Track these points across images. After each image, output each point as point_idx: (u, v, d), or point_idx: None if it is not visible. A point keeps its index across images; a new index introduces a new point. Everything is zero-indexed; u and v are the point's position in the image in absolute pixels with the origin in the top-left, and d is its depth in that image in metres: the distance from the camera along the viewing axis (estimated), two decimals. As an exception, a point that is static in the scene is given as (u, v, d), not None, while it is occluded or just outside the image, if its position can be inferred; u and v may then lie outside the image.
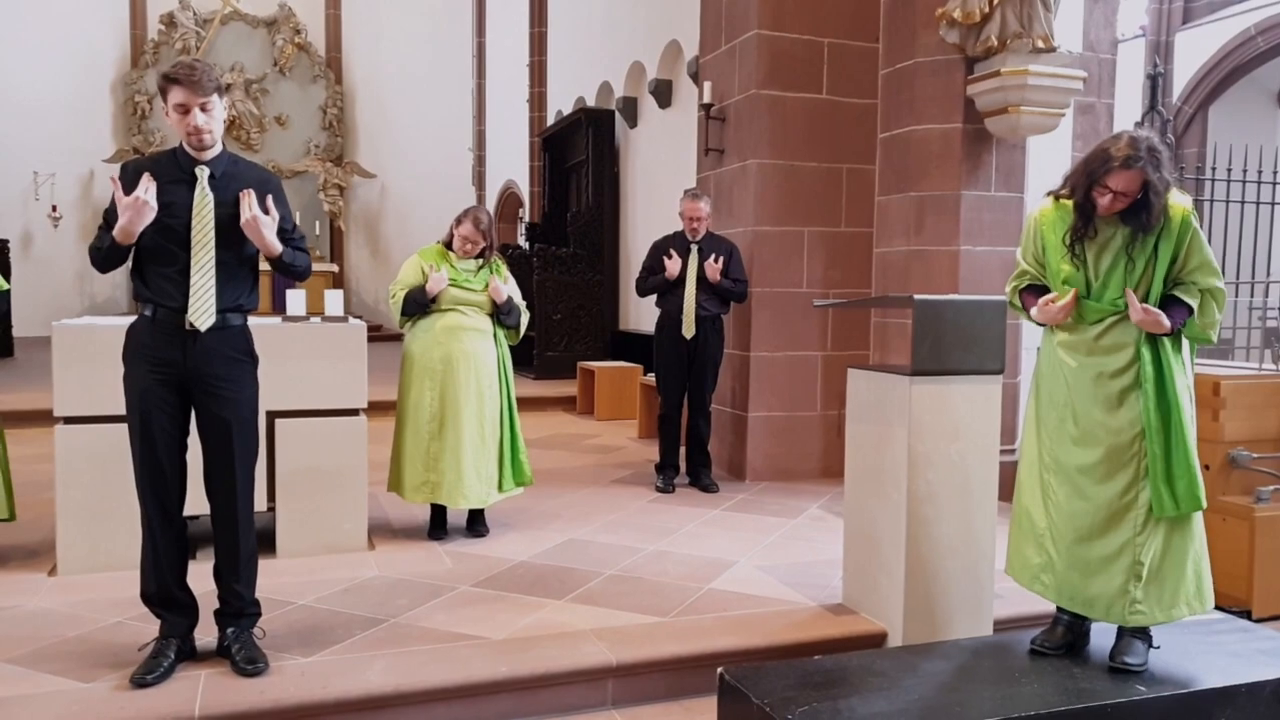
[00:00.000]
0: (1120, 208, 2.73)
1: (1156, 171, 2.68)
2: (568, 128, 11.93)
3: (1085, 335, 2.82)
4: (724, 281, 5.25)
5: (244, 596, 3.01)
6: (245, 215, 2.82)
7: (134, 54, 16.09)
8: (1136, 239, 2.74)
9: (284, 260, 2.96)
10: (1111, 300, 2.77)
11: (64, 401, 3.81)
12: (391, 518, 4.72)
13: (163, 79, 2.79)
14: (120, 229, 2.74)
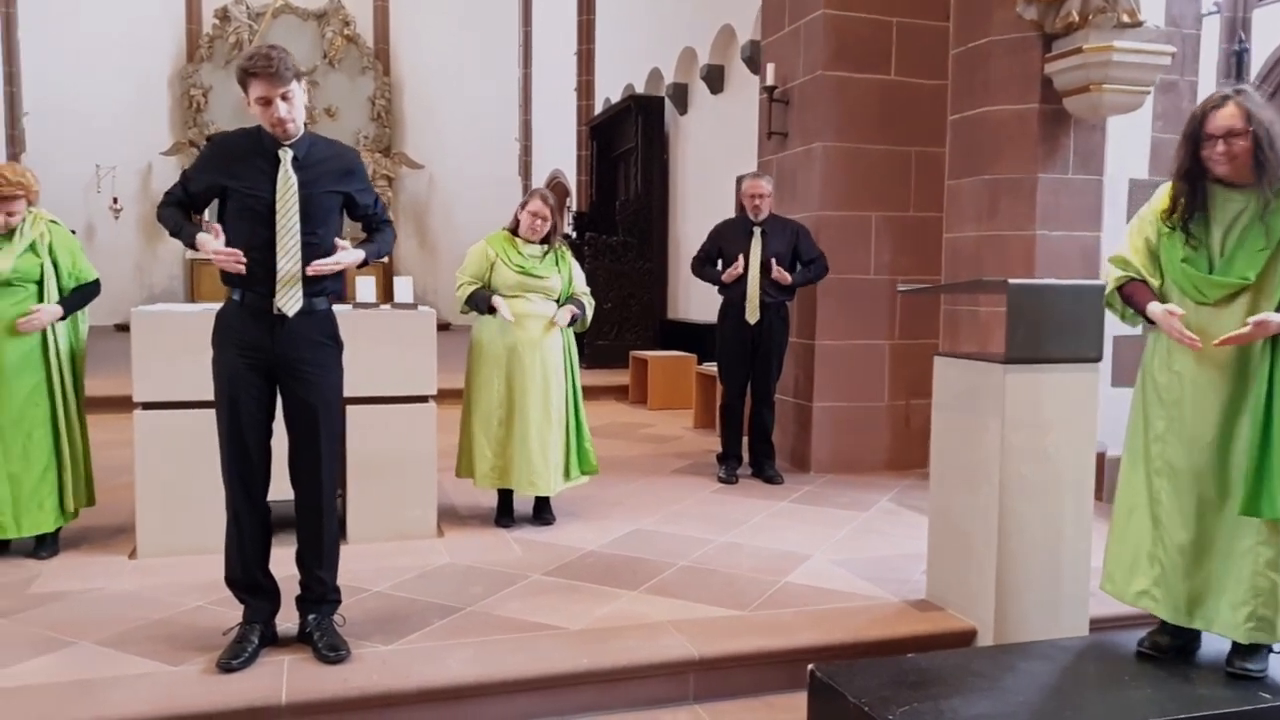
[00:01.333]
0: (1237, 155, 2.51)
1: (1260, 112, 2.50)
2: (616, 115, 11.87)
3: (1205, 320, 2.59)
4: (795, 279, 5.17)
5: (326, 583, 3.00)
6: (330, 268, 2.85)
7: (190, 49, 16.30)
8: (1268, 208, 2.52)
9: (370, 261, 3.00)
10: (1239, 274, 2.55)
11: (143, 387, 3.84)
12: (458, 504, 4.71)
13: (241, 72, 2.76)
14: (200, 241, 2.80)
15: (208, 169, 2.87)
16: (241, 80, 2.76)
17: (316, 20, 16.80)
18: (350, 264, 2.89)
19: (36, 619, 3.17)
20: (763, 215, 5.22)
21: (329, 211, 2.90)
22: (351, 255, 2.89)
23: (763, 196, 5.19)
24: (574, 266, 4.47)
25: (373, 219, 3.07)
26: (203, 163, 2.92)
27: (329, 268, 2.82)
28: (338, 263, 2.84)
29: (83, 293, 3.92)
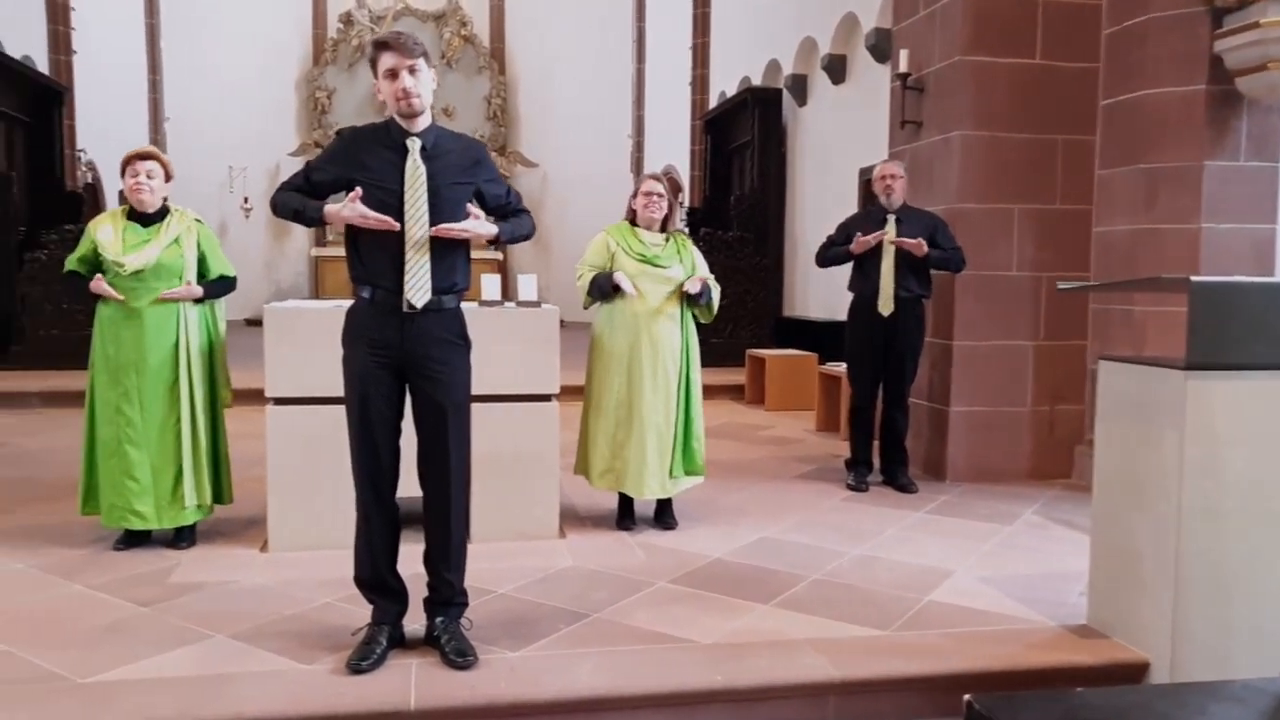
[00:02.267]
0: None
1: None
2: (732, 109, 11.68)
3: None
4: (933, 254, 4.82)
5: (454, 585, 2.94)
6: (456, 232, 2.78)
7: (315, 53, 16.87)
8: None
9: (503, 239, 2.93)
10: None
11: (275, 383, 3.88)
12: (578, 505, 4.63)
13: (373, 48, 2.79)
14: (334, 214, 2.73)
15: (335, 160, 2.84)
16: (373, 58, 2.78)
17: (435, 21, 17.13)
18: (481, 235, 2.83)
19: (175, 610, 3.23)
20: (896, 200, 4.95)
21: (457, 203, 2.84)
22: (483, 226, 2.83)
23: (895, 177, 4.92)
24: (696, 255, 4.32)
25: (507, 209, 3.01)
26: (330, 154, 2.89)
27: (455, 232, 2.76)
28: (465, 229, 2.78)
29: (222, 283, 3.99)
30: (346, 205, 2.70)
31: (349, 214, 2.70)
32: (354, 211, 2.70)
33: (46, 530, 4.13)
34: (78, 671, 2.73)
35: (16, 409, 7.22)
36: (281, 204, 2.85)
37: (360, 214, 2.70)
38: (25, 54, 10.85)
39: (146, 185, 3.80)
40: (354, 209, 2.70)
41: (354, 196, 2.71)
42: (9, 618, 3.13)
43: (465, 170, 2.88)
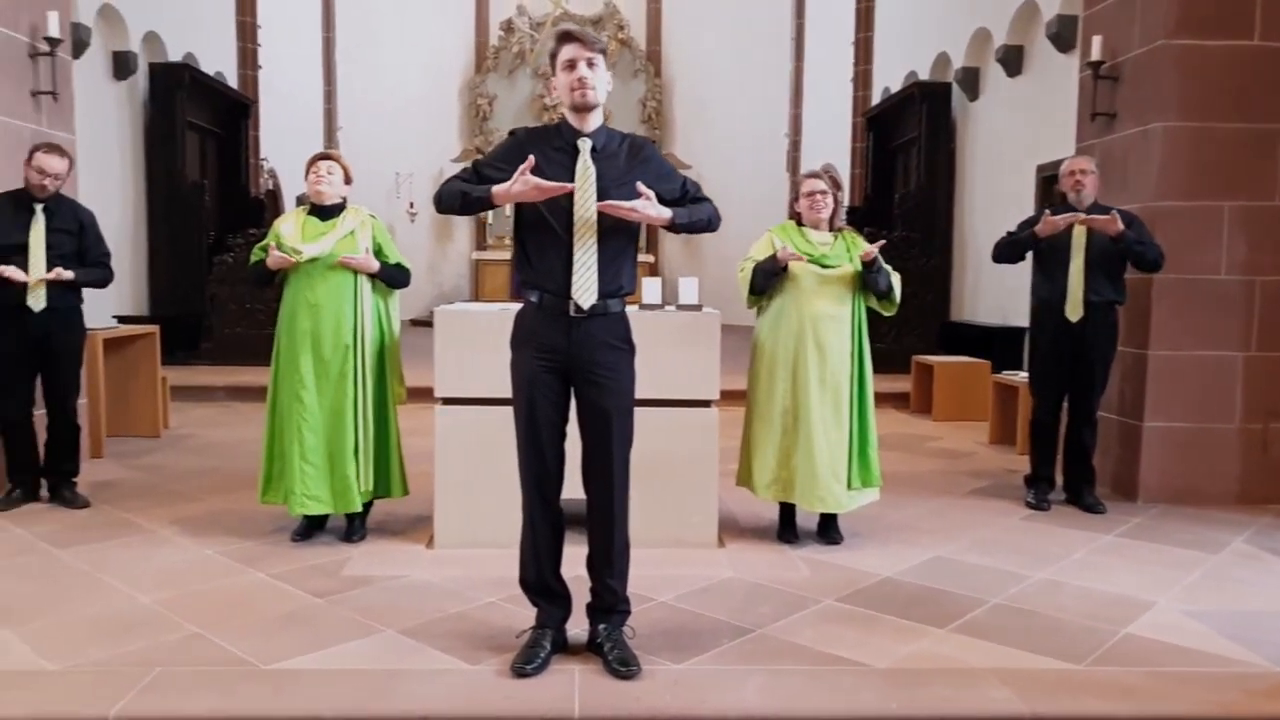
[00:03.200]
0: None
1: None
2: (897, 105, 11.27)
3: None
4: (1128, 234, 4.38)
5: (617, 592, 2.89)
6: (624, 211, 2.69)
7: (478, 60, 17.40)
8: None
9: (679, 224, 2.80)
10: None
11: (444, 383, 3.94)
12: (737, 514, 4.51)
13: (555, 40, 2.77)
14: (504, 192, 2.68)
15: (507, 158, 2.80)
16: (554, 51, 2.76)
17: (592, 26, 17.34)
18: (652, 217, 2.72)
19: (348, 602, 3.31)
20: (1086, 197, 4.56)
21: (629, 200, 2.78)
22: (654, 207, 2.72)
23: (1085, 173, 4.54)
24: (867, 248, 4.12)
25: (684, 200, 2.90)
26: (502, 153, 2.86)
27: (624, 211, 2.68)
28: (634, 209, 2.68)
29: (398, 269, 4.09)
30: (518, 179, 2.64)
31: (520, 187, 2.64)
32: (526, 184, 2.64)
33: (230, 518, 4.35)
34: (260, 658, 2.83)
35: (204, 402, 7.72)
36: (447, 194, 2.82)
37: (535, 184, 2.63)
38: (218, 70, 11.63)
39: (325, 179, 3.99)
40: (526, 181, 2.64)
41: (526, 167, 2.65)
42: (200, 601, 3.30)
43: (635, 170, 2.82)
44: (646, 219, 2.73)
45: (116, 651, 2.85)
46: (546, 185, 2.65)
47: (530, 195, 2.67)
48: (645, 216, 2.72)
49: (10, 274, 4.18)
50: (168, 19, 10.33)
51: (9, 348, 4.34)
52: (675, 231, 2.84)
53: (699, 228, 2.87)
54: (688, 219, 2.83)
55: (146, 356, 6.21)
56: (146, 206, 9.99)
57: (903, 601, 3.42)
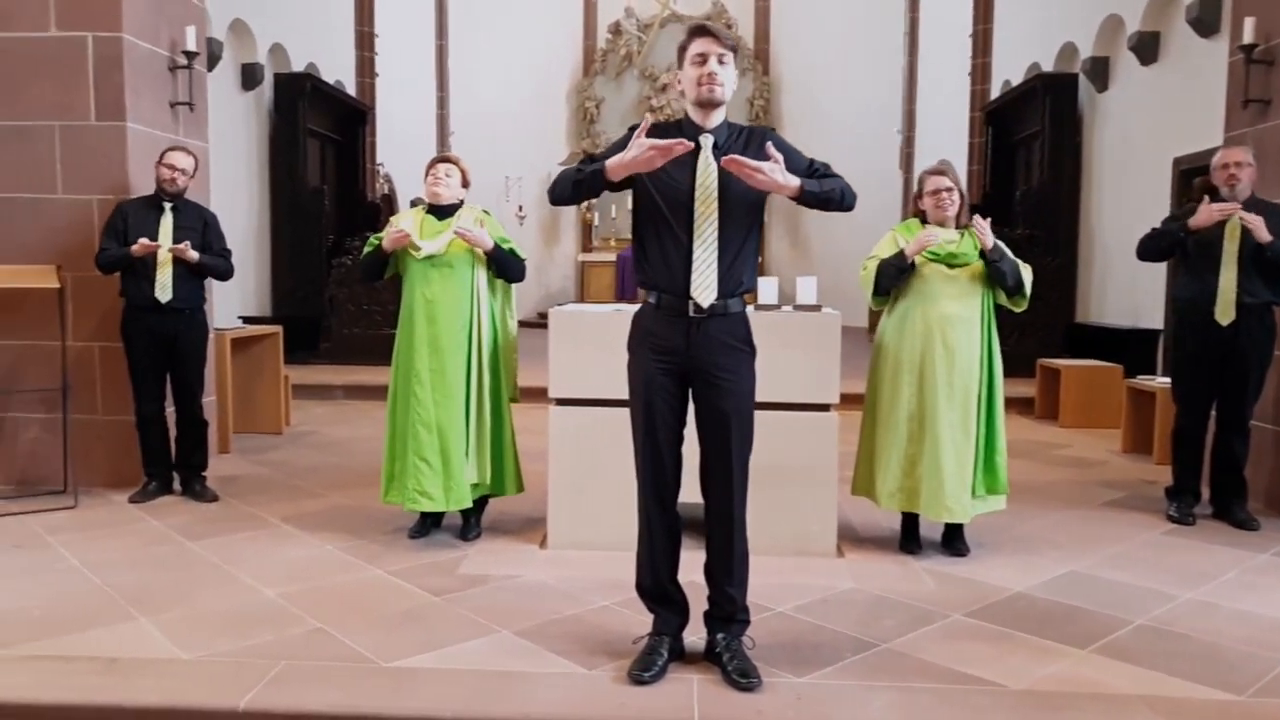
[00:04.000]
0: None
1: None
2: (1018, 98, 10.84)
3: None
4: (1277, 243, 4.08)
5: (736, 601, 2.81)
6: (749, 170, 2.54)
7: (585, 64, 17.54)
8: None
9: (807, 194, 2.64)
10: None
11: (558, 383, 3.93)
12: (855, 522, 4.37)
13: (686, 34, 2.70)
14: (619, 163, 2.58)
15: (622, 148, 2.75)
16: (683, 45, 2.69)
17: (701, 27, 17.29)
18: (779, 184, 2.56)
19: (465, 601, 3.32)
20: (1242, 191, 4.22)
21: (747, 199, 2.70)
22: (782, 174, 2.56)
23: (1241, 165, 4.20)
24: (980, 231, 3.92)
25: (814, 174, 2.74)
26: (618, 145, 2.75)
27: (747, 171, 2.52)
28: (759, 168, 2.53)
29: (513, 256, 4.03)
30: (634, 144, 2.55)
31: (636, 152, 2.54)
32: (642, 147, 2.53)
33: (351, 515, 4.45)
34: (381, 655, 2.85)
35: (324, 400, 7.97)
36: (559, 181, 2.74)
37: (652, 144, 2.52)
38: (337, 79, 12.03)
39: (444, 180, 4.02)
40: (642, 144, 2.53)
41: (643, 129, 2.55)
42: (322, 596, 3.36)
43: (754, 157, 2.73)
44: (773, 184, 2.56)
45: (245, 644, 2.92)
46: (664, 143, 2.52)
47: (647, 161, 2.55)
48: (771, 181, 2.55)
49: (144, 243, 4.37)
50: (292, 31, 10.73)
51: (142, 348, 4.54)
52: (804, 202, 2.66)
53: (831, 201, 2.68)
54: (818, 189, 2.66)
55: (271, 356, 6.43)
56: (270, 211, 10.40)
57: (1037, 619, 3.24)
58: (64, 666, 2.74)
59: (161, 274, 4.47)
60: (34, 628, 3.03)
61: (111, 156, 4.76)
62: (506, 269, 4.04)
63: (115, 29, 4.69)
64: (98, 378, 4.87)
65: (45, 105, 4.73)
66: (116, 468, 4.85)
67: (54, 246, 4.77)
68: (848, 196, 2.73)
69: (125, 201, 4.62)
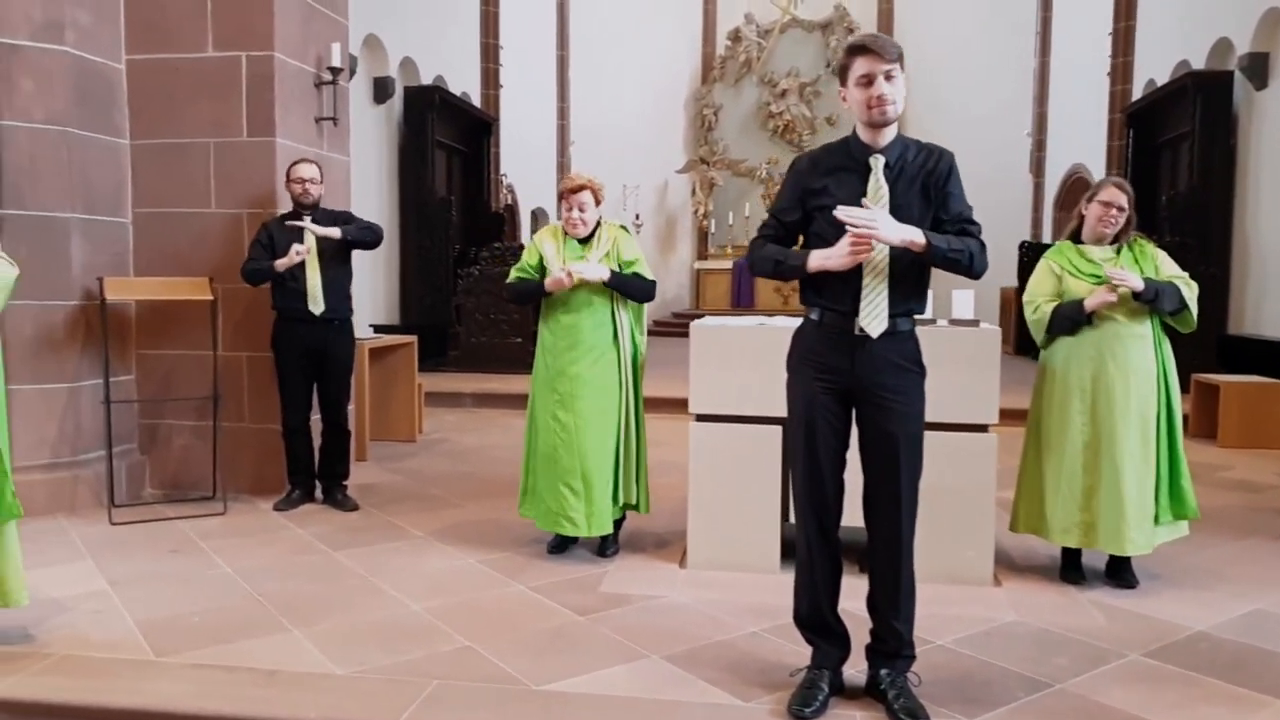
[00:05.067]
0: None
1: None
2: (1163, 98, 10.26)
3: None
4: None
5: (902, 635, 2.66)
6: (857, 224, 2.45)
7: (704, 71, 17.50)
8: None
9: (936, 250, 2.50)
10: None
11: (698, 399, 3.84)
12: (1009, 547, 4.12)
13: (845, 53, 2.57)
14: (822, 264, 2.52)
15: (795, 193, 2.65)
16: (844, 64, 2.55)
17: (821, 30, 17.04)
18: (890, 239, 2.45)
19: (610, 622, 3.26)
20: None
21: (918, 222, 2.55)
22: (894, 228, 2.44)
23: None
24: (1161, 259, 3.65)
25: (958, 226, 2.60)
26: (788, 189, 2.69)
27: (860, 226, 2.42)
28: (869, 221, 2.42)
29: (637, 279, 3.95)
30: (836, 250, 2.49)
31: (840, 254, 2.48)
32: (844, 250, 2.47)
33: (488, 527, 4.45)
34: (531, 677, 2.80)
35: (453, 408, 8.09)
36: (759, 261, 2.69)
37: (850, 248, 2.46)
38: (463, 91, 12.29)
39: (579, 219, 3.93)
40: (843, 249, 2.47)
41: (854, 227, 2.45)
42: (466, 612, 3.34)
43: (931, 185, 2.58)
44: (883, 238, 2.44)
45: (396, 660, 2.91)
46: (862, 243, 2.45)
47: (847, 262, 2.49)
48: (883, 235, 2.44)
49: (294, 251, 4.47)
50: (421, 44, 11.01)
51: (292, 359, 4.66)
52: (931, 260, 2.52)
53: (959, 264, 2.52)
54: (946, 248, 2.49)
55: (405, 365, 6.55)
56: (399, 222, 10.67)
57: (1225, 663, 2.96)
58: (226, 677, 2.79)
59: (310, 282, 4.57)
60: (194, 636, 3.10)
61: (261, 171, 4.91)
62: (628, 294, 3.95)
63: (268, 48, 4.84)
64: (245, 387, 5.03)
65: (201, 123, 4.92)
66: (261, 474, 5.00)
67: (206, 259, 4.95)
68: (977, 263, 2.55)
69: (270, 220, 4.75)
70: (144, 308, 5.00)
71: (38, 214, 4.53)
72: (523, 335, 9.23)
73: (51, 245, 4.56)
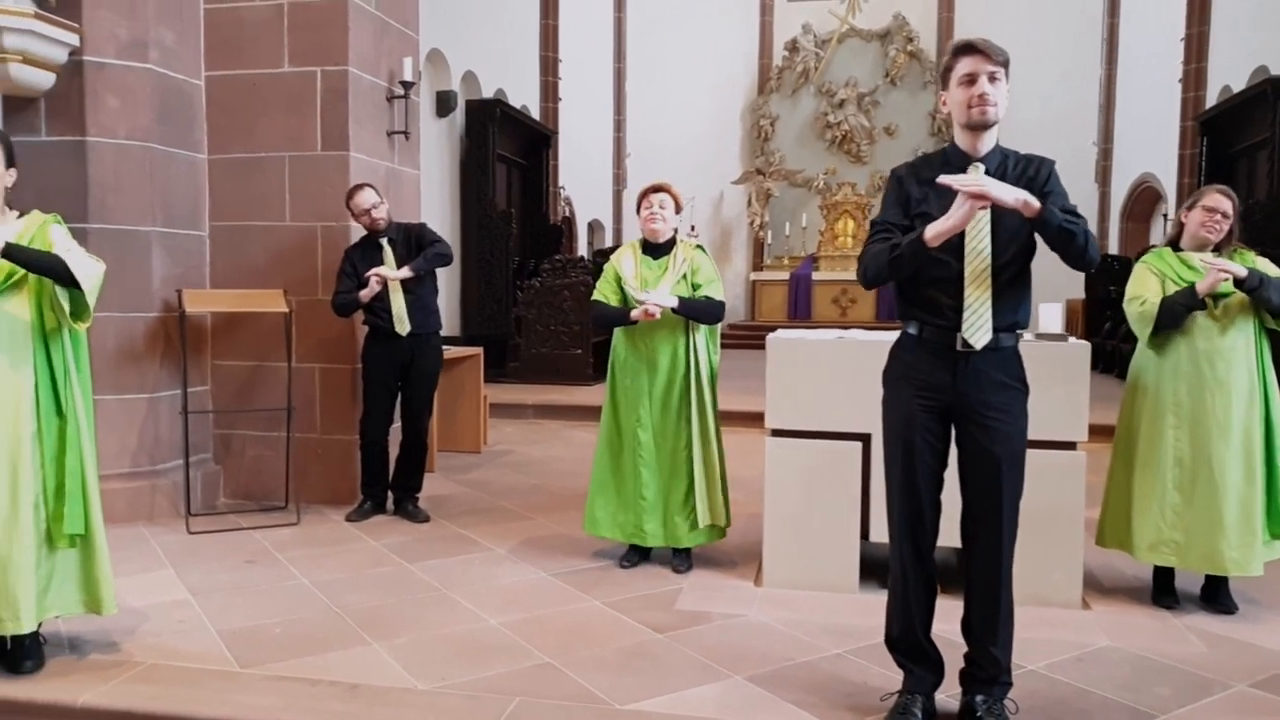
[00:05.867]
0: None
1: None
2: (1239, 105, 9.99)
3: None
4: None
5: (1000, 662, 2.57)
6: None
7: (761, 82, 17.42)
8: None
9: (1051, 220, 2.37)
10: None
11: (775, 413, 3.77)
12: (1094, 568, 3.98)
13: (951, 53, 2.50)
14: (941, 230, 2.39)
15: (897, 204, 2.58)
16: (949, 65, 2.49)
17: (879, 40, 16.87)
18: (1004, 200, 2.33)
19: (689, 640, 3.20)
20: None
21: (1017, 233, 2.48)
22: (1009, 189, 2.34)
23: None
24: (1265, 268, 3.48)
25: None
26: (892, 197, 2.62)
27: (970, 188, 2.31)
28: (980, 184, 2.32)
29: (707, 303, 3.90)
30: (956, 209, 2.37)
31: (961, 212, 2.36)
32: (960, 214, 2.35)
33: (559, 540, 4.42)
34: (614, 695, 2.76)
35: (515, 419, 8.10)
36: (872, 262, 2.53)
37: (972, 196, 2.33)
38: (523, 104, 12.37)
39: (659, 215, 3.94)
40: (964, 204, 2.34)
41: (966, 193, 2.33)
42: (544, 627, 3.31)
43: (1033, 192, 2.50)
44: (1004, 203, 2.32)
45: (477, 675, 2.89)
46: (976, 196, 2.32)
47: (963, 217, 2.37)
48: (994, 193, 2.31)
49: (373, 282, 4.53)
50: (483, 58, 11.11)
51: (379, 373, 4.70)
52: (1045, 231, 2.38)
53: (1075, 238, 2.38)
54: (1060, 217, 2.36)
55: (472, 376, 6.57)
56: (460, 234, 10.76)
57: (1345, 697, 2.81)
58: (309, 690, 2.79)
59: (395, 305, 4.61)
60: (276, 647, 3.11)
61: (335, 185, 4.96)
62: (696, 319, 3.89)
63: (342, 63, 4.90)
64: (317, 397, 5.08)
65: (277, 137, 4.99)
66: (332, 485, 5.04)
67: (280, 271, 5.01)
68: (1091, 244, 2.43)
69: (350, 247, 4.78)
70: (218, 319, 5.08)
71: (121, 228, 4.62)
72: (582, 347, 9.25)
73: (133, 258, 4.65)
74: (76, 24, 4.40)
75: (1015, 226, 2.46)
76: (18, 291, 2.81)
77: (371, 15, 5.11)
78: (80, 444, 2.88)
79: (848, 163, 16.91)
